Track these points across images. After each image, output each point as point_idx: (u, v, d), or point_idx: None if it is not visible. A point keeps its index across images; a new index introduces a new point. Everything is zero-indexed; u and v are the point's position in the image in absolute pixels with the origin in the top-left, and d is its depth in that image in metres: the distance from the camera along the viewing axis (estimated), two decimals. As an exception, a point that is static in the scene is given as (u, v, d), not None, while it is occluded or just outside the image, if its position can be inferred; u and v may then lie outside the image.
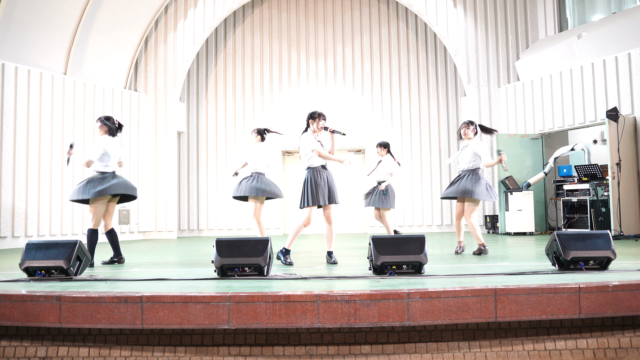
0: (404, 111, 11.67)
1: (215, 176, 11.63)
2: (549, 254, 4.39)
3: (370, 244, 4.18)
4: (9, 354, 3.47)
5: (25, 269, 4.12)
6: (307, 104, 11.67)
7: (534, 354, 3.41)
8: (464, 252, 6.29)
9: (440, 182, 11.49)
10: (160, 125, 10.93)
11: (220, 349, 3.42)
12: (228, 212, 11.51)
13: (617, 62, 8.80)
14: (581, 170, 9.30)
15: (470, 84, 10.86)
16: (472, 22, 10.93)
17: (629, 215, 8.26)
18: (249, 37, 11.92)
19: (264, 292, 3.32)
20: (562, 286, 3.34)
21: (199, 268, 5.01)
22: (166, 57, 11.04)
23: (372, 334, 3.44)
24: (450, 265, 4.93)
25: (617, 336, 3.47)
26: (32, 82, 8.92)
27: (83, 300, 3.29)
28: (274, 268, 4.70)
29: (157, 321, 3.24)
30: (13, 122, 8.62)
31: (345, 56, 11.86)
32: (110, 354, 3.44)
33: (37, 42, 9.03)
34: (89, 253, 4.44)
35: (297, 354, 3.41)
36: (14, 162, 8.59)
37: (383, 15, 11.92)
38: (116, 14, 10.15)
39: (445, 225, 11.45)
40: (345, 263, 5.30)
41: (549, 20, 10.84)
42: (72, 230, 9.38)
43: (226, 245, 4.10)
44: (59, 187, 9.21)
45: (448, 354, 3.40)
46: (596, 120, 9.13)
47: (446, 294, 3.27)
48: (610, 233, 4.58)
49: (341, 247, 7.50)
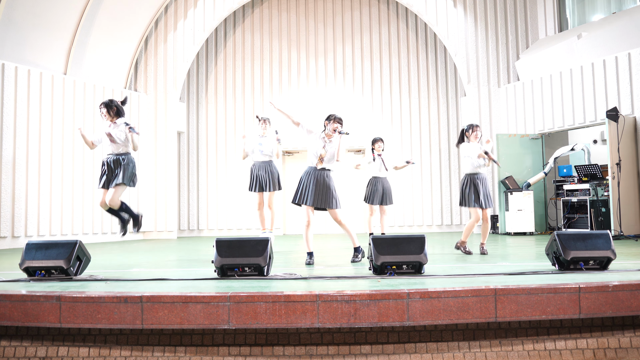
0: (404, 111, 11.67)
1: (215, 176, 11.63)
2: (549, 254, 4.39)
3: (370, 244, 4.19)
4: (9, 354, 3.47)
5: (25, 269, 4.13)
6: (307, 103, 11.68)
7: (534, 354, 3.41)
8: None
9: (440, 182, 11.49)
10: (160, 125, 10.93)
11: (220, 349, 3.42)
12: (228, 212, 11.51)
13: (617, 62, 8.80)
14: (581, 170, 9.30)
15: (470, 84, 10.86)
16: (472, 22, 10.93)
17: (629, 215, 8.26)
18: (249, 37, 11.92)
19: (264, 292, 3.32)
20: (562, 286, 3.34)
21: (199, 268, 5.00)
22: (166, 57, 11.04)
23: (372, 334, 3.44)
24: (450, 265, 4.93)
25: (617, 336, 3.47)
26: (32, 82, 8.92)
27: (83, 300, 3.29)
28: (273, 268, 4.71)
29: (157, 321, 3.24)
30: (13, 122, 8.62)
31: (345, 56, 11.86)
32: (110, 354, 3.44)
33: (37, 42, 9.03)
34: (89, 253, 4.44)
35: (297, 354, 3.41)
36: (14, 162, 8.59)
37: (383, 15, 11.92)
38: (116, 14, 10.15)
39: (445, 225, 11.45)
40: (345, 263, 5.30)
41: (549, 20, 10.84)
42: (72, 230, 9.38)
43: (226, 245, 4.10)
44: (59, 187, 9.21)
45: (448, 354, 3.40)
46: (596, 120, 9.13)
47: (446, 294, 3.27)
48: (610, 233, 4.58)
49: (341, 247, 7.51)
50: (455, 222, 11.46)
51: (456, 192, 11.52)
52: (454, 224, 11.47)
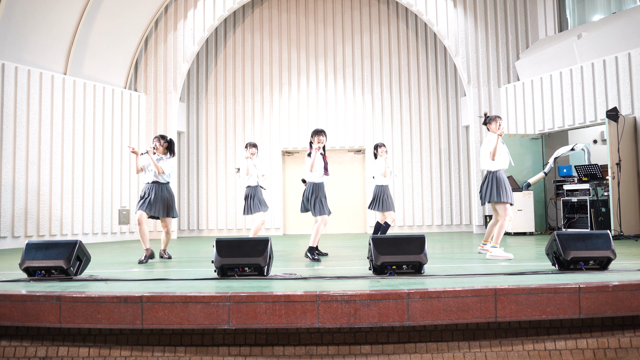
0: (404, 111, 11.67)
1: (215, 176, 11.63)
2: (549, 254, 4.39)
3: (370, 244, 4.18)
4: (9, 354, 3.47)
5: (25, 269, 4.12)
6: (307, 103, 11.68)
7: (534, 354, 3.41)
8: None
9: (440, 182, 11.49)
10: (160, 125, 10.93)
11: (220, 349, 3.42)
12: (228, 212, 11.51)
13: (617, 62, 8.80)
14: (581, 170, 9.30)
15: (470, 84, 10.86)
16: (472, 22, 10.93)
17: (629, 215, 8.26)
18: (249, 37, 11.92)
19: (264, 292, 3.31)
20: (562, 286, 3.34)
21: (199, 268, 5.00)
22: (166, 57, 11.04)
23: (372, 334, 3.44)
24: (450, 265, 4.93)
25: (617, 336, 3.47)
26: (32, 82, 8.92)
27: (83, 300, 3.29)
28: (273, 268, 4.70)
29: (157, 321, 3.24)
30: (13, 122, 8.62)
31: (345, 56, 11.85)
32: (110, 354, 3.44)
33: (37, 42, 9.03)
34: (89, 253, 4.44)
35: (297, 354, 3.40)
36: (14, 162, 8.59)
37: (383, 15, 11.92)
38: (116, 14, 10.15)
39: (445, 225, 11.45)
40: (345, 263, 5.30)
41: (549, 20, 10.84)
42: (72, 230, 9.38)
43: (226, 245, 4.10)
44: (59, 187, 9.21)
45: (448, 354, 3.40)
46: (596, 120, 9.13)
47: (446, 294, 3.27)
48: (610, 233, 4.58)
49: (341, 247, 7.51)
50: (456, 222, 11.47)
51: (456, 192, 11.53)
52: (454, 224, 11.47)
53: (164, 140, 6.05)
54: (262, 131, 11.70)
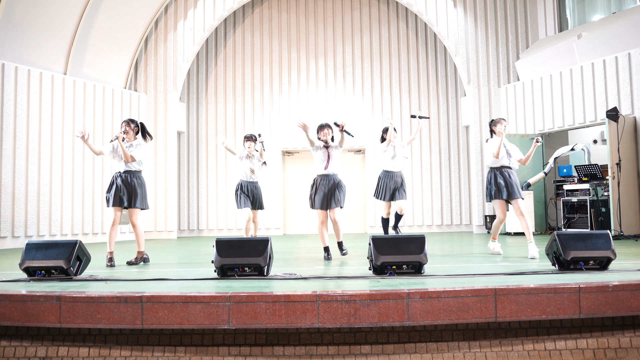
0: (404, 111, 11.67)
1: (215, 176, 11.63)
2: (549, 254, 4.39)
3: (370, 244, 4.18)
4: (9, 354, 3.47)
5: (25, 269, 4.13)
6: (307, 103, 11.68)
7: (534, 354, 3.41)
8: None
9: (441, 182, 11.49)
10: (160, 125, 10.93)
11: (220, 349, 3.42)
12: (228, 212, 11.51)
13: (617, 62, 8.80)
14: (581, 170, 9.30)
15: (470, 84, 10.86)
16: (472, 22, 10.93)
17: (629, 215, 8.26)
18: (249, 37, 11.92)
19: (264, 292, 3.31)
20: (562, 286, 3.34)
21: (199, 268, 5.00)
22: (166, 57, 11.04)
23: (372, 334, 3.44)
24: (450, 265, 4.93)
25: (617, 336, 3.47)
26: (32, 82, 8.92)
27: (83, 300, 3.29)
28: (273, 268, 4.70)
29: (157, 321, 3.24)
30: (13, 122, 8.62)
31: (345, 56, 11.85)
32: (110, 354, 3.44)
33: (37, 42, 9.03)
34: (89, 253, 4.44)
35: (297, 354, 3.40)
36: (14, 162, 8.59)
37: (383, 15, 11.92)
38: (116, 14, 10.15)
39: (445, 225, 11.45)
40: (346, 263, 5.30)
41: (549, 20, 10.84)
42: (72, 230, 9.38)
43: (226, 245, 4.10)
44: (59, 187, 9.21)
45: (448, 354, 3.40)
46: (596, 120, 9.13)
47: (446, 294, 3.27)
48: (610, 233, 4.58)
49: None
50: (456, 222, 11.47)
51: (456, 192, 11.53)
52: (454, 224, 11.47)
53: (133, 125, 5.49)
54: (262, 131, 11.70)
